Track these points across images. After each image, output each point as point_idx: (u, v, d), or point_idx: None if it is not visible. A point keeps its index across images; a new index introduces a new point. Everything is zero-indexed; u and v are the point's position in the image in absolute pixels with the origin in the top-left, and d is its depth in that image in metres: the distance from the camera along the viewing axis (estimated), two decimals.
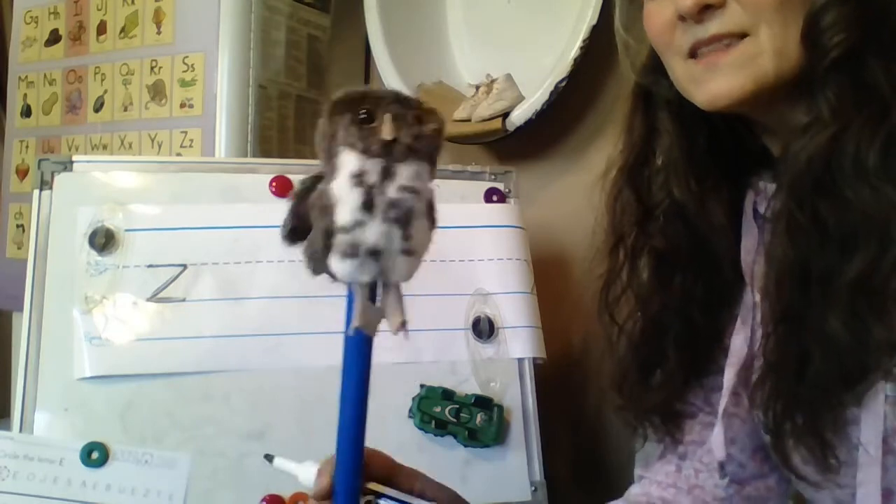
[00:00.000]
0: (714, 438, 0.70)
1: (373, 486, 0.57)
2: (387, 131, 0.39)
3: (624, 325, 0.74)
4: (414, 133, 0.40)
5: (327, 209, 0.40)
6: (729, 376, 0.69)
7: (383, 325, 0.44)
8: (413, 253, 0.41)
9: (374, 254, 0.40)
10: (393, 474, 0.59)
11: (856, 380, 0.55)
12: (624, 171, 0.71)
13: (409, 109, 0.41)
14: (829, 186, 0.55)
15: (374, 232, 0.39)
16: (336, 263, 0.40)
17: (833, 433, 0.57)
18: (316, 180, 0.43)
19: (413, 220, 0.40)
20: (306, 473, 0.59)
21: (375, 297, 0.43)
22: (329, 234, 0.40)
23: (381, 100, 0.40)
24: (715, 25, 0.58)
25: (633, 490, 0.80)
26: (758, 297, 0.66)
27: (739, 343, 0.69)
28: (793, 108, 0.60)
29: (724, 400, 0.69)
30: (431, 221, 0.42)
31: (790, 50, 0.57)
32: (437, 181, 1.07)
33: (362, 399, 0.48)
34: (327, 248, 0.40)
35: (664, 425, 0.74)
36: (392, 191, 0.40)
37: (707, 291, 0.70)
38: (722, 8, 0.57)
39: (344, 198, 0.39)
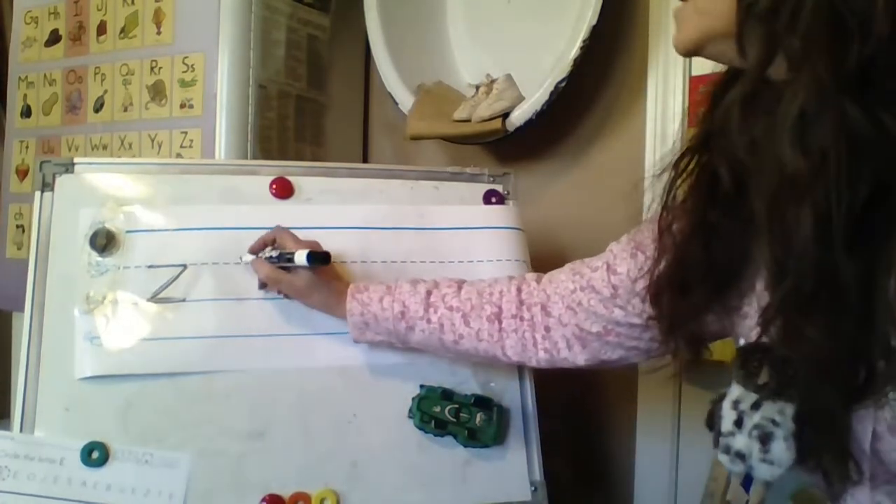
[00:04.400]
0: None
1: None
2: (763, 377, 0.58)
3: (673, 238, 0.71)
4: (782, 381, 0.58)
5: (717, 418, 0.61)
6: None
7: None
8: (772, 463, 0.58)
9: (741, 456, 0.58)
10: None
11: None
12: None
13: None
14: None
15: (740, 442, 0.58)
16: (719, 453, 0.60)
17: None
18: (720, 398, 0.64)
19: (771, 441, 0.57)
20: None
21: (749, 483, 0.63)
22: (718, 432, 0.61)
23: (765, 353, 0.59)
24: None
25: None
26: None
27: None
28: None
29: None
30: (793, 441, 0.58)
31: None
32: (435, 183, 1.06)
33: None
34: (717, 441, 0.61)
35: (688, 344, 0.74)
36: (756, 417, 0.58)
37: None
38: None
39: (726, 414, 0.60)
